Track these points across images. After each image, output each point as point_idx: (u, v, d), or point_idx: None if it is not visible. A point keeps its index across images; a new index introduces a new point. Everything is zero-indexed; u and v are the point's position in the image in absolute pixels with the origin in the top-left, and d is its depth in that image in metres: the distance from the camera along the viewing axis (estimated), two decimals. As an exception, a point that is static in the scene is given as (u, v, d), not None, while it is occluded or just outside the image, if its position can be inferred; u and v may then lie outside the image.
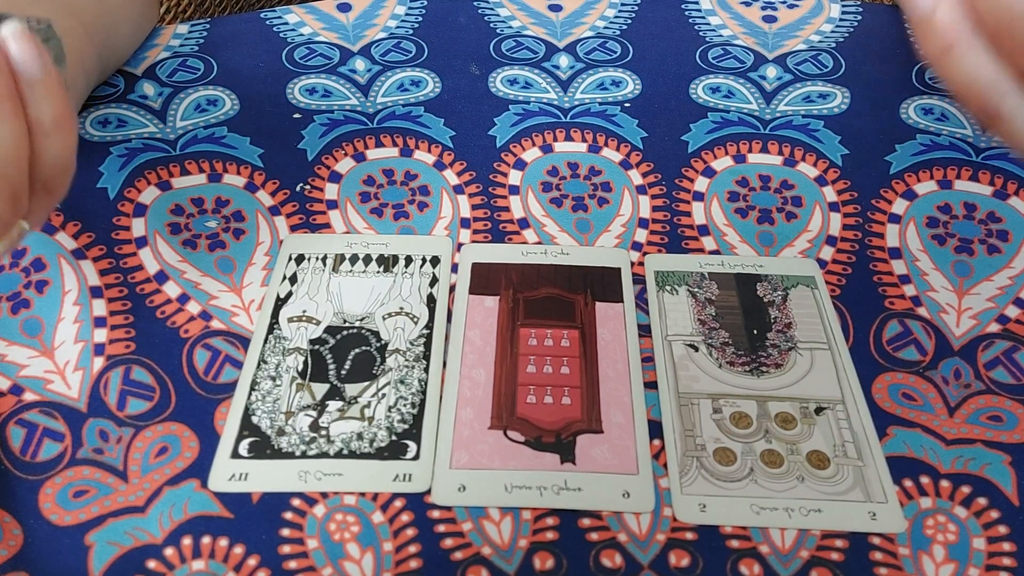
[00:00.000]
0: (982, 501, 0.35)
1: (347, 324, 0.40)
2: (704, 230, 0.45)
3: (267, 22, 0.56)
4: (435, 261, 0.43)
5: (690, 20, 0.58)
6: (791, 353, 0.39)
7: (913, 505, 0.34)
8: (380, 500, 0.34)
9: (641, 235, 0.44)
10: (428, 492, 0.34)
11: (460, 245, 0.44)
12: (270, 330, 0.40)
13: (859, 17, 0.58)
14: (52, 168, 0.33)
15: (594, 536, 0.33)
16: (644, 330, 0.40)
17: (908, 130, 0.50)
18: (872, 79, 0.51)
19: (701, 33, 0.57)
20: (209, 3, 0.68)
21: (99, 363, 0.38)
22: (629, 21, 0.57)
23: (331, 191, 0.46)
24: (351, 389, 0.38)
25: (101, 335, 0.39)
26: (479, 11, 0.58)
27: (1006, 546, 0.33)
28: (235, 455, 0.35)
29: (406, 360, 0.39)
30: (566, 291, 0.42)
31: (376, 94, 0.52)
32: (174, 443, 0.36)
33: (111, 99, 0.51)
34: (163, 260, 0.43)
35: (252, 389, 0.37)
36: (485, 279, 0.42)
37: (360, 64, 0.54)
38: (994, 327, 0.41)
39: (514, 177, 0.47)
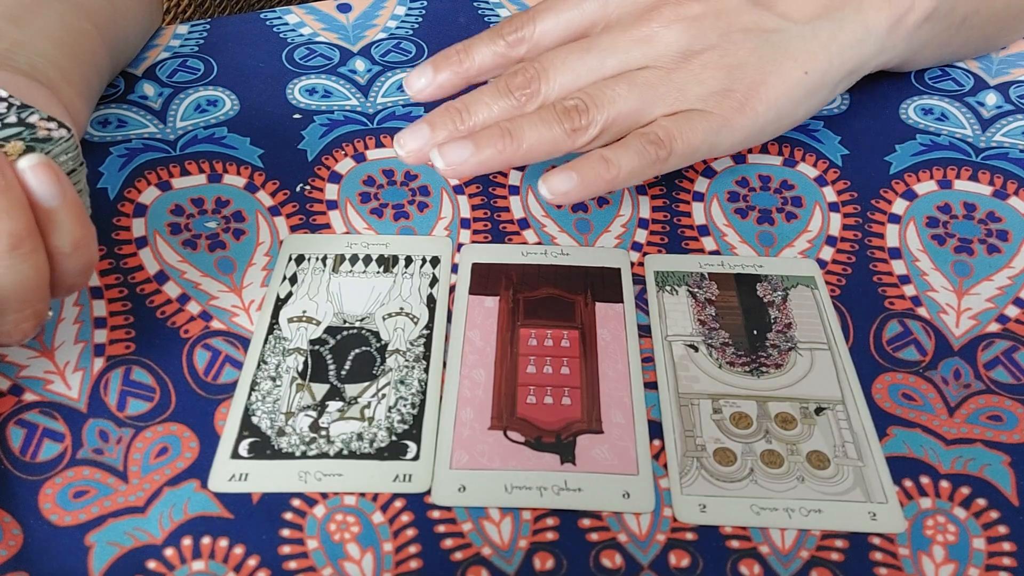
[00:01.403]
0: (982, 501, 0.35)
1: (347, 324, 0.40)
2: (704, 230, 0.45)
3: (267, 22, 0.56)
4: (435, 261, 0.43)
5: (690, 20, 0.57)
6: (791, 353, 0.39)
7: (913, 505, 0.34)
8: (380, 500, 0.34)
9: (641, 235, 0.44)
10: (428, 492, 0.34)
11: (460, 245, 0.44)
12: (270, 330, 0.40)
13: (859, 17, 0.58)
14: (74, 278, 0.35)
15: (594, 536, 0.33)
16: (644, 330, 0.40)
17: (908, 130, 0.50)
18: (872, 79, 0.51)
19: (701, 33, 0.56)
20: (209, 3, 0.68)
21: (99, 363, 0.38)
22: (629, 21, 0.57)
23: (331, 191, 0.46)
24: (351, 389, 0.38)
25: (101, 335, 0.39)
26: (479, 11, 0.58)
27: (1006, 546, 0.33)
28: (235, 455, 0.35)
29: (406, 360, 0.39)
30: (566, 291, 0.42)
31: (376, 94, 0.52)
32: (174, 443, 0.36)
33: (111, 99, 0.51)
34: (163, 260, 0.43)
35: (252, 389, 0.38)
36: (485, 279, 0.42)
37: (360, 64, 0.54)
38: (994, 327, 0.41)
39: (514, 177, 0.47)
